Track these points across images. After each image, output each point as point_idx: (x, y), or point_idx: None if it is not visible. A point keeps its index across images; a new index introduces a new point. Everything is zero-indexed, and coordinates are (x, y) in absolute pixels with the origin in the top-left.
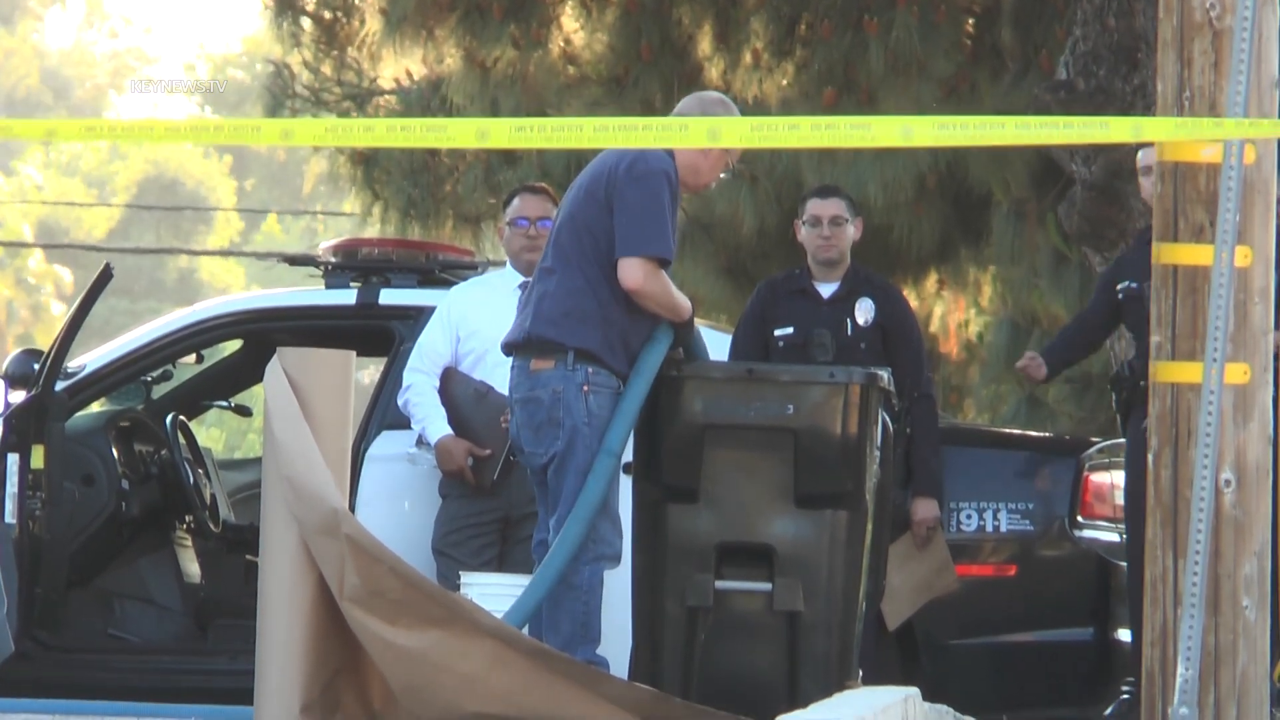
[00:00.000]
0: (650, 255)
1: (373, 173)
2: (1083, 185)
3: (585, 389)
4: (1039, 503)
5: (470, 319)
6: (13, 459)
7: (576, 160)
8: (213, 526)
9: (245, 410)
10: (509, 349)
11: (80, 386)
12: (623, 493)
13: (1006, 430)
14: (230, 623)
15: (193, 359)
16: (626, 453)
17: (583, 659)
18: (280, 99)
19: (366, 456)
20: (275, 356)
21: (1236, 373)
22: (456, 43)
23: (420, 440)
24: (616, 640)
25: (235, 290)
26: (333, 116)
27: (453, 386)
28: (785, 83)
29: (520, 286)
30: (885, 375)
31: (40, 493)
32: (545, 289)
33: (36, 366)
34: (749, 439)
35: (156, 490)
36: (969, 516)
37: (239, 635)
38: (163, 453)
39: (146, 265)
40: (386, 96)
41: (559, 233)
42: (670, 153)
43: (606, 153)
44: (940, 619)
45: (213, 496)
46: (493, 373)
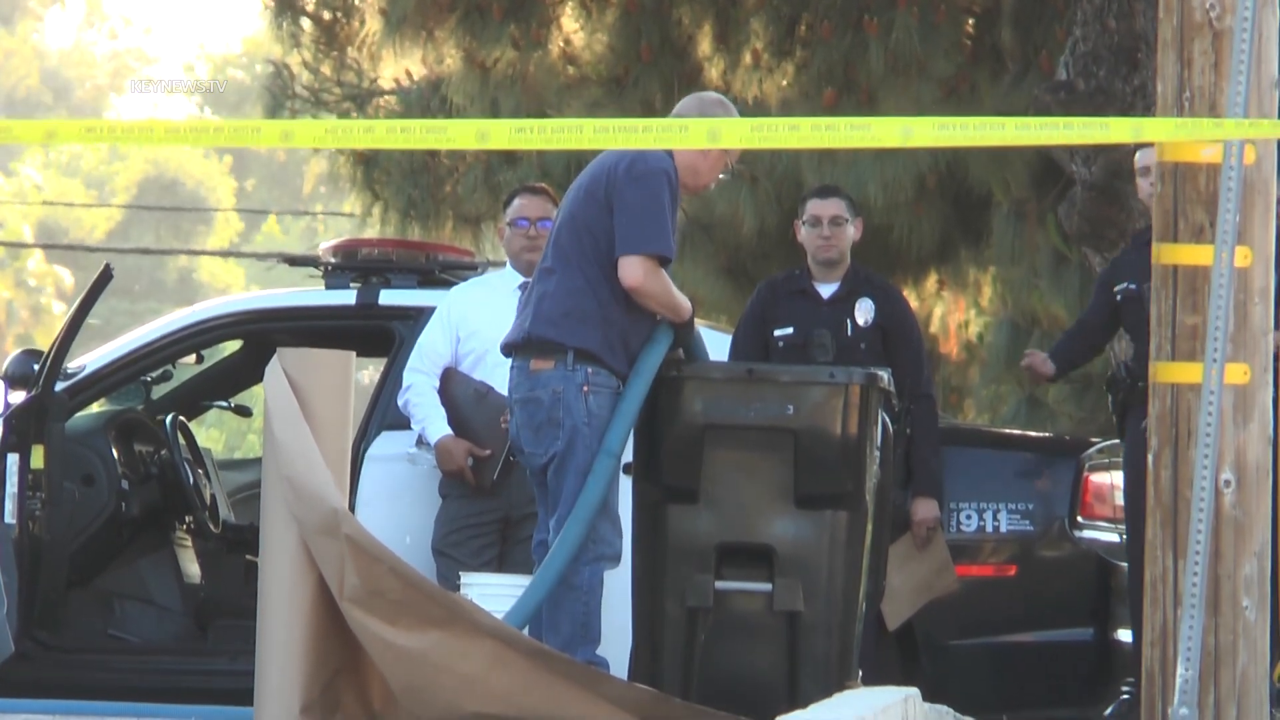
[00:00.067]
0: (650, 254)
1: (373, 173)
2: (1083, 186)
3: (585, 389)
4: (1039, 503)
5: (470, 319)
6: (13, 459)
7: (576, 161)
8: (213, 527)
9: (245, 410)
10: (509, 350)
11: (80, 387)
12: (623, 493)
13: (1006, 431)
14: (230, 623)
15: (193, 359)
16: (626, 453)
17: (583, 659)
18: (280, 99)
19: (366, 457)
20: (275, 357)
21: (1236, 373)
22: (456, 43)
23: (420, 440)
24: (616, 641)
25: (235, 291)
26: (333, 117)
27: (453, 387)
28: (785, 83)
29: (520, 287)
30: (885, 376)
31: (40, 493)
32: (545, 289)
33: (36, 367)
34: (749, 439)
35: (156, 490)
36: (969, 517)
37: (239, 635)
38: (163, 453)
39: (146, 266)
40: (386, 97)
41: (559, 233)
42: (669, 152)
43: (606, 153)
44: (940, 619)
45: (213, 497)
46: (493, 373)
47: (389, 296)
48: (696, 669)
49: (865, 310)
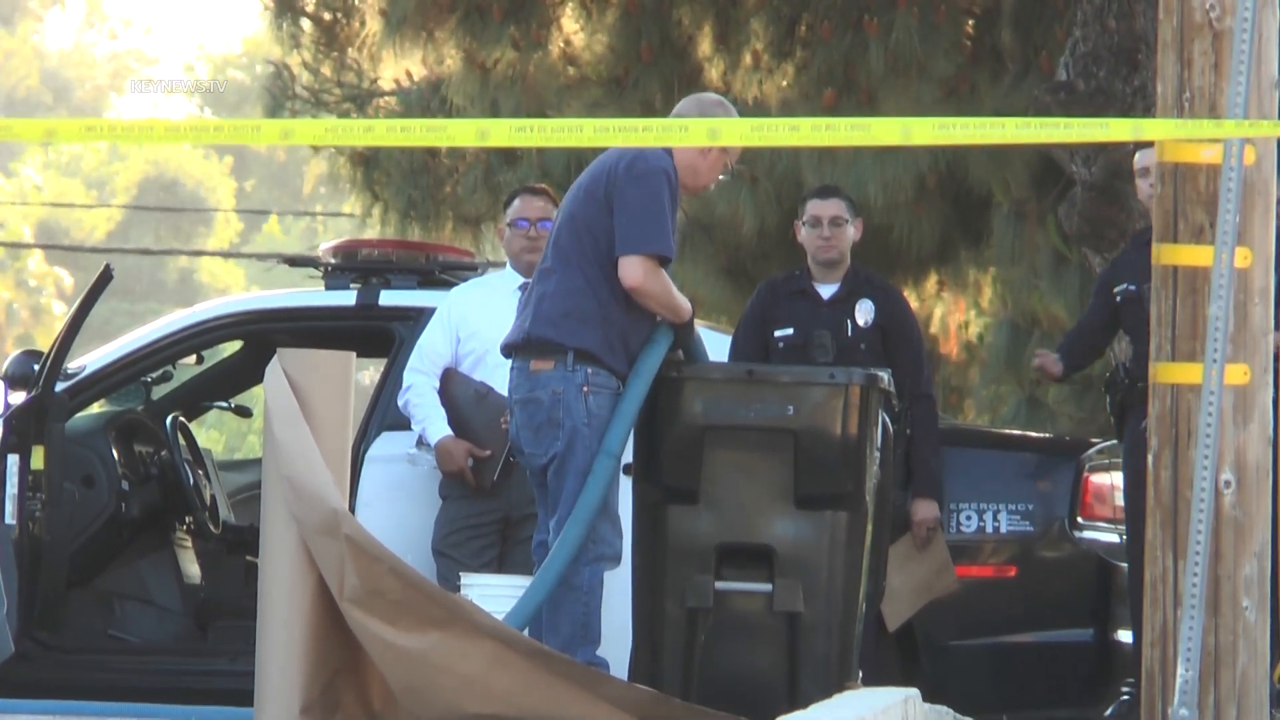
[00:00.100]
0: (650, 253)
1: (373, 174)
2: (1083, 186)
3: (585, 390)
4: (1039, 504)
5: (470, 320)
6: (13, 460)
7: (576, 161)
8: (213, 527)
9: (245, 411)
10: (508, 350)
11: (80, 387)
12: (623, 493)
13: (1006, 431)
14: (230, 623)
15: (193, 360)
16: (627, 453)
17: (582, 660)
18: (280, 100)
19: (366, 457)
20: (275, 357)
21: (1236, 373)
22: (456, 44)
23: (420, 441)
24: (616, 641)
25: (235, 291)
26: (333, 118)
27: (453, 387)
28: (785, 84)
29: (520, 288)
30: (885, 376)
31: (40, 494)
32: (544, 289)
33: (36, 367)
34: (749, 440)
35: (156, 491)
36: (969, 517)
37: (239, 636)
38: (163, 454)
39: (146, 266)
40: (386, 98)
41: (558, 233)
42: (669, 152)
43: (606, 153)
44: (940, 620)
45: (212, 497)
46: (493, 374)
47: (389, 297)
48: (696, 669)
49: (865, 311)
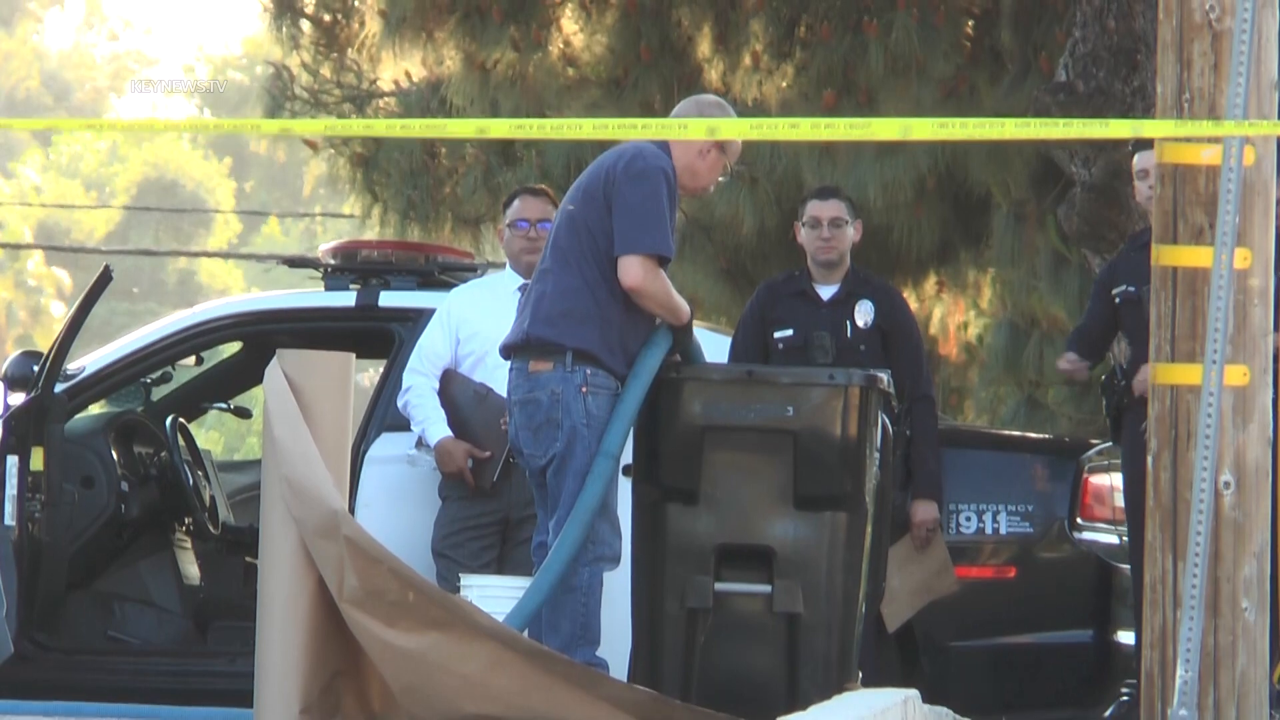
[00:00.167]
0: (650, 253)
1: (372, 175)
2: (1082, 187)
3: (584, 390)
4: (1038, 505)
5: (470, 321)
6: (12, 461)
7: (576, 162)
8: (212, 528)
9: (245, 412)
10: (507, 351)
11: (80, 388)
12: (622, 494)
13: (1006, 432)
14: (230, 625)
15: (192, 361)
16: (626, 454)
17: (582, 660)
18: (280, 101)
19: (366, 458)
20: (275, 358)
21: (1236, 374)
22: (456, 45)
23: (420, 442)
24: (616, 642)
25: (234, 292)
26: (332, 118)
27: (452, 388)
28: (785, 85)
29: (520, 289)
30: (885, 377)
31: (40, 495)
32: (543, 290)
33: (36, 368)
34: (749, 441)
35: (156, 492)
36: (969, 519)
37: (238, 637)
38: (162, 455)
39: (146, 267)
40: (386, 99)
41: (557, 233)
42: (668, 153)
43: (605, 153)
44: (940, 621)
45: (212, 498)
46: (492, 374)
47: (388, 298)
48: (696, 670)
49: (865, 312)
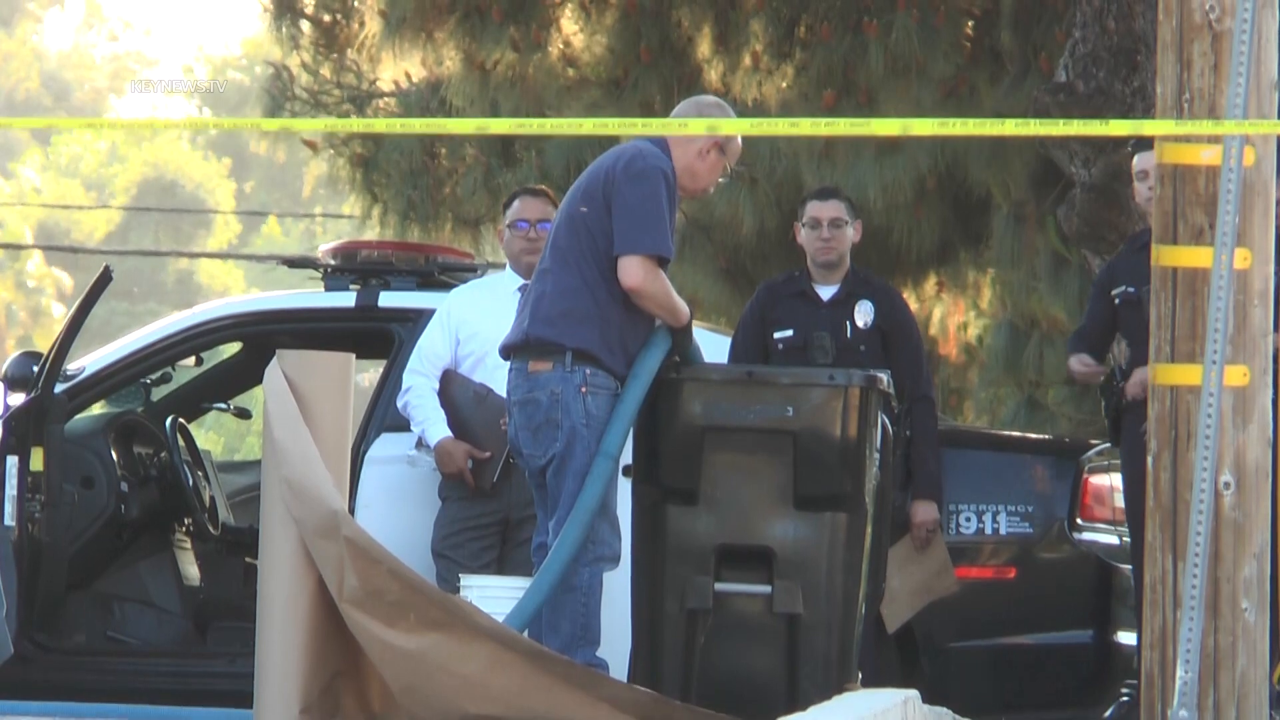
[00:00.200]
0: (649, 253)
1: (372, 175)
2: (1082, 188)
3: (583, 390)
4: (1038, 505)
5: (470, 321)
6: (12, 461)
7: (576, 162)
8: (212, 529)
9: (245, 413)
10: (507, 352)
11: (80, 389)
12: (622, 494)
13: (1006, 433)
14: (229, 625)
15: (192, 361)
16: (626, 454)
17: (582, 661)
18: (280, 101)
19: (366, 459)
20: (275, 359)
21: (1236, 375)
22: (456, 45)
23: (420, 442)
24: (616, 642)
25: (234, 293)
26: (332, 119)
27: (452, 389)
28: (785, 85)
29: (520, 289)
30: (885, 378)
31: (40, 495)
32: (543, 290)
33: (36, 369)
34: (749, 441)
35: (156, 493)
36: (968, 519)
37: (238, 638)
38: (162, 455)
39: (146, 267)
40: (386, 99)
41: (557, 234)
42: (668, 154)
43: (605, 155)
44: (940, 621)
45: (212, 499)
46: (492, 375)
47: (388, 298)
48: (696, 671)
49: (865, 312)
